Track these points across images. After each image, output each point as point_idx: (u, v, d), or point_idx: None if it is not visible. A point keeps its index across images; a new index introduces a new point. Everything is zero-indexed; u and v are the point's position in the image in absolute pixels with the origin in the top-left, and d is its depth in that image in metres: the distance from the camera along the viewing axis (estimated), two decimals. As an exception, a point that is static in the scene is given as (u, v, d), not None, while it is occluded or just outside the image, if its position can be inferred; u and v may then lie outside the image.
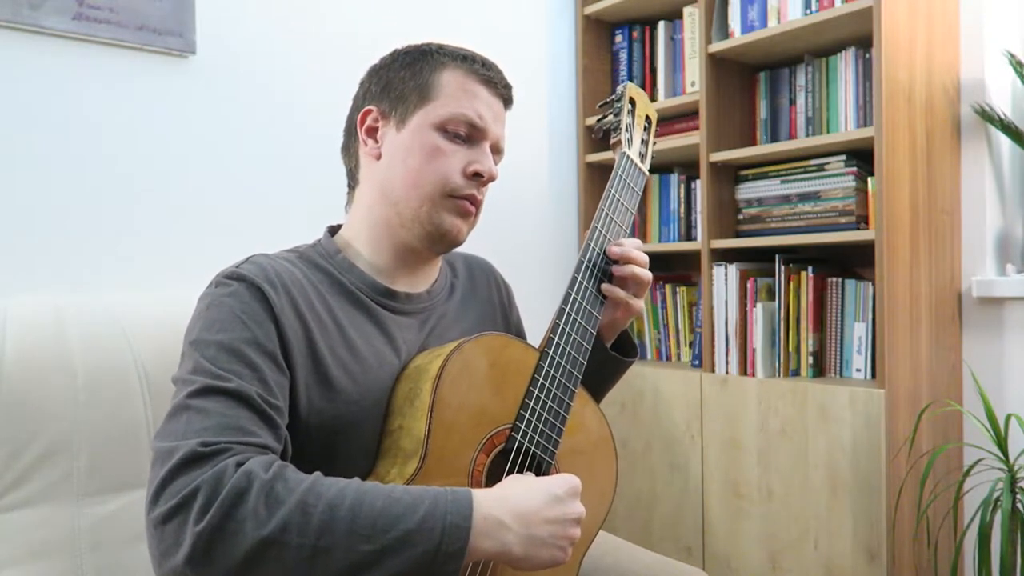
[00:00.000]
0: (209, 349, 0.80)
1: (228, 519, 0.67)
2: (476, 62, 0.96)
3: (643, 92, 1.14)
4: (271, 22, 1.65)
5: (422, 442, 0.82)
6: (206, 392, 0.76)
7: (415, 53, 0.98)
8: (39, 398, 1.03)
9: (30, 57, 1.35)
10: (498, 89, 0.98)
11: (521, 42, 2.14)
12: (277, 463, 0.72)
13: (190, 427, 0.73)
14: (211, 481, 0.68)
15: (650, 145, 1.13)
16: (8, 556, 0.99)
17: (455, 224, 0.95)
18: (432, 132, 0.93)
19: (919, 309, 1.70)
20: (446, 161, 0.93)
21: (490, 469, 0.88)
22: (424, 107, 0.94)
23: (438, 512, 0.71)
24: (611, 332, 1.07)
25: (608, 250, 1.00)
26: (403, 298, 0.97)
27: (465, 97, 0.94)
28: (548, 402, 0.92)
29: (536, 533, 0.76)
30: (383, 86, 0.97)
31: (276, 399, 0.80)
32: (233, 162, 1.60)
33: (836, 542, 1.66)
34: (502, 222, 2.08)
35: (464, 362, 0.87)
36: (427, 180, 0.93)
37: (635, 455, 2.05)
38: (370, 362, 0.90)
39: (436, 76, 0.95)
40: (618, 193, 1.03)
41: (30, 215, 1.36)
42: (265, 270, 0.86)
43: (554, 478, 0.81)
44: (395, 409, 0.89)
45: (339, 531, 0.68)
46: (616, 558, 1.16)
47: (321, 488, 0.70)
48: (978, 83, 1.81)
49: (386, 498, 0.71)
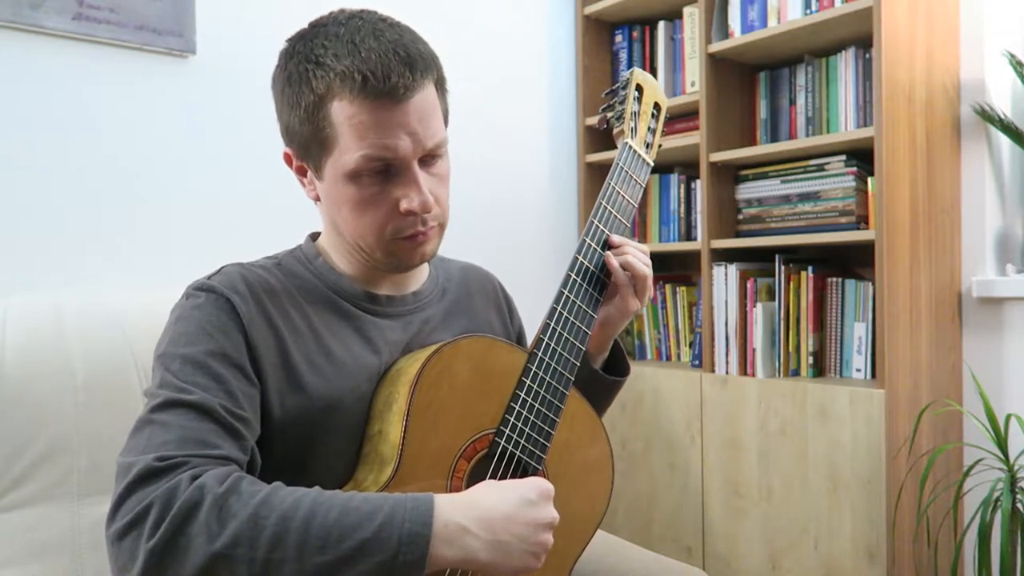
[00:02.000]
0: (174, 363, 0.79)
1: (180, 534, 0.66)
2: (367, 76, 0.80)
3: (651, 78, 1.09)
4: (271, 22, 1.65)
5: (398, 448, 0.80)
6: (168, 406, 0.75)
7: (296, 77, 0.84)
8: (39, 398, 1.03)
9: (30, 57, 1.35)
10: (404, 93, 0.81)
11: (521, 42, 2.14)
12: (233, 475, 0.71)
13: (151, 441, 0.73)
14: (164, 496, 0.68)
15: (658, 134, 1.08)
16: (8, 556, 0.99)
17: (414, 255, 0.89)
18: (348, 185, 0.84)
19: (919, 309, 1.70)
20: (374, 212, 0.85)
21: (472, 474, 0.85)
22: (329, 156, 0.85)
23: (396, 520, 0.68)
24: (602, 341, 1.03)
25: (608, 238, 0.96)
26: (384, 301, 0.94)
27: (368, 132, 0.81)
28: (536, 405, 0.88)
29: (503, 539, 0.73)
30: (284, 128, 0.89)
31: (243, 411, 0.78)
32: (233, 162, 1.60)
33: (836, 542, 1.65)
34: (502, 222, 2.08)
35: (444, 365, 0.84)
36: (365, 232, 0.87)
37: (635, 455, 2.05)
38: (347, 366, 0.87)
39: (326, 114, 0.82)
40: (618, 185, 0.98)
41: (30, 215, 1.35)
42: (235, 281, 0.85)
43: (525, 481, 0.78)
44: (375, 414, 0.87)
45: (291, 543, 0.67)
46: (616, 558, 1.16)
47: (275, 500, 0.69)
48: (978, 83, 1.81)
49: (342, 508, 0.69)
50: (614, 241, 0.97)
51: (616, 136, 1.04)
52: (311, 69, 0.83)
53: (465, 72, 1.99)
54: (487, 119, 2.05)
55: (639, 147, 1.03)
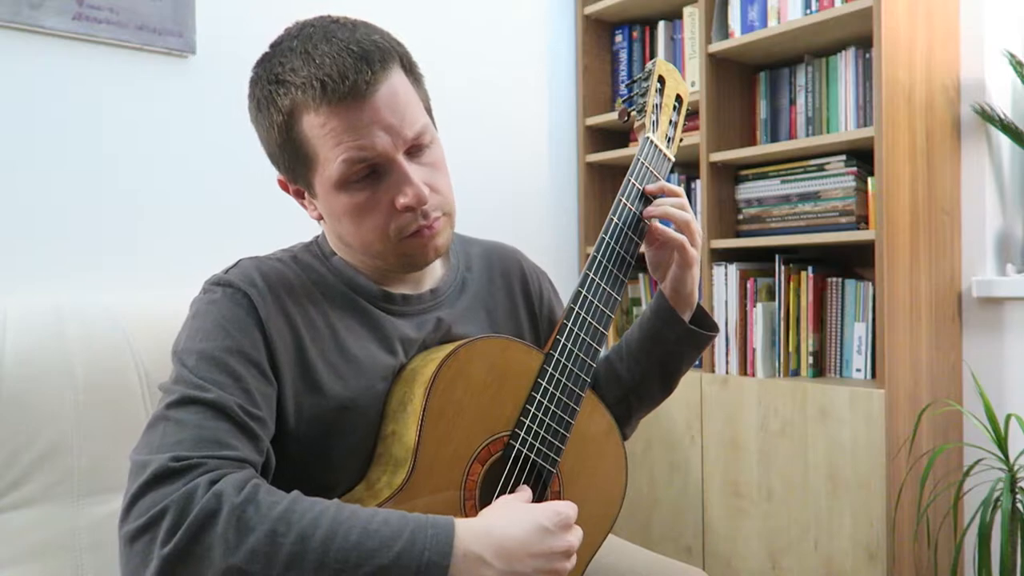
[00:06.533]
0: (191, 358, 0.78)
1: (196, 543, 0.65)
2: (325, 81, 0.78)
3: (674, 68, 1.05)
4: (271, 22, 1.64)
5: (412, 451, 0.80)
6: (184, 403, 0.74)
7: (263, 102, 0.84)
8: (39, 398, 1.03)
9: (30, 57, 1.35)
10: (367, 89, 0.79)
11: (521, 42, 2.14)
12: (251, 483, 0.70)
13: (165, 440, 0.72)
14: (180, 501, 0.67)
15: (679, 127, 1.04)
16: (8, 556, 0.99)
17: (425, 251, 0.87)
18: (339, 195, 0.83)
19: (919, 309, 1.70)
20: (373, 216, 0.84)
21: (486, 478, 0.84)
22: (314, 172, 0.84)
23: (416, 548, 0.68)
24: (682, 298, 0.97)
25: (645, 188, 0.94)
26: (400, 300, 0.92)
27: (342, 136, 0.79)
28: (552, 408, 0.87)
29: (519, 570, 0.72)
30: (269, 155, 0.89)
31: (259, 410, 0.77)
32: (233, 162, 1.59)
33: (836, 542, 1.66)
34: (502, 222, 2.08)
35: (460, 367, 0.83)
36: (371, 238, 0.85)
37: (635, 455, 2.05)
38: (363, 366, 0.86)
39: (299, 131, 0.82)
40: (638, 180, 0.95)
41: (30, 215, 1.35)
42: (252, 275, 0.84)
43: (543, 507, 0.77)
44: (389, 413, 0.86)
45: (308, 564, 0.66)
46: (616, 558, 1.16)
47: (294, 516, 0.68)
48: (978, 83, 1.81)
49: (362, 530, 0.68)
50: (651, 190, 0.94)
51: (637, 130, 1.00)
52: (273, 89, 0.82)
53: (465, 72, 1.99)
54: (487, 119, 2.05)
55: (660, 142, 0.99)
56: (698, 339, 1.00)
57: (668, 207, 0.93)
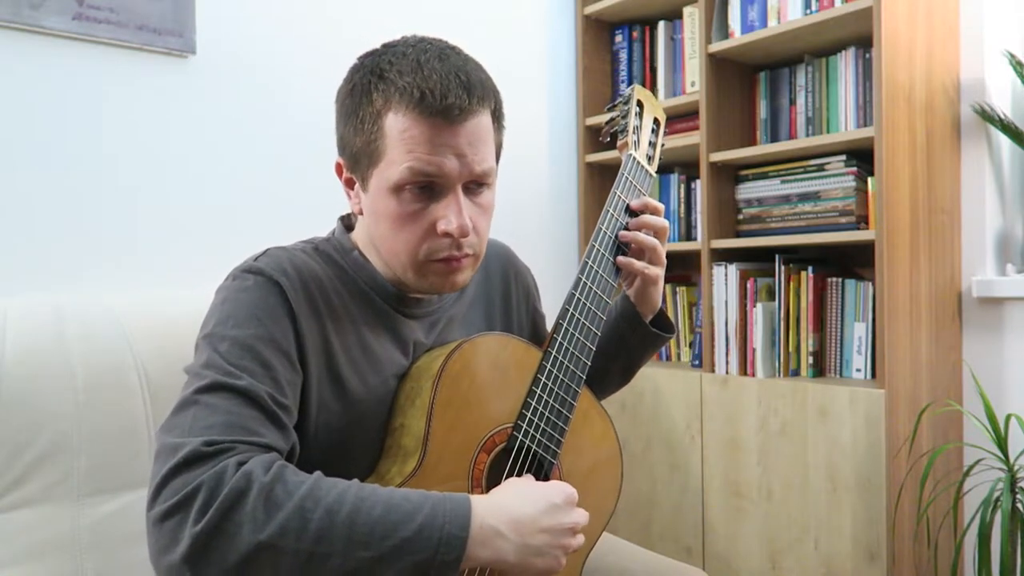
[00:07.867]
0: (222, 344, 0.79)
1: (226, 520, 0.67)
2: (424, 93, 0.82)
3: (651, 94, 1.15)
4: (271, 22, 1.65)
5: (422, 440, 0.83)
6: (215, 388, 0.76)
7: (359, 89, 0.86)
8: (39, 398, 1.03)
9: (30, 57, 1.35)
10: (458, 115, 0.83)
11: (521, 42, 2.14)
12: (277, 464, 0.72)
13: (196, 423, 0.73)
14: (211, 481, 0.68)
15: (658, 147, 1.14)
16: (8, 556, 0.99)
17: (445, 281, 0.89)
18: (390, 198, 0.85)
19: (919, 309, 1.70)
20: (412, 229, 0.85)
21: (491, 468, 0.88)
22: (376, 167, 0.85)
23: (436, 522, 0.71)
24: (645, 306, 1.08)
25: (630, 204, 1.03)
26: (413, 303, 0.95)
27: (416, 146, 0.82)
28: (551, 401, 0.92)
29: (531, 542, 0.76)
30: (339, 139, 0.91)
31: (286, 399, 0.79)
32: (233, 162, 1.60)
33: (836, 542, 1.66)
34: (502, 222, 2.07)
35: (464, 361, 0.87)
36: (400, 249, 0.87)
37: (635, 455, 2.05)
38: (381, 363, 0.90)
39: (380, 126, 0.84)
40: (623, 194, 1.04)
41: (30, 215, 1.36)
42: (284, 265, 0.86)
43: (551, 485, 0.82)
44: (398, 407, 0.90)
45: (337, 537, 0.68)
46: (616, 558, 1.16)
47: (320, 492, 0.70)
48: (978, 83, 1.81)
49: (384, 505, 0.71)
50: (635, 206, 1.03)
51: (620, 147, 1.09)
52: (374, 82, 0.85)
53: (465, 72, 1.99)
54: (487, 119, 2.05)
55: (642, 159, 1.08)
56: (657, 340, 1.11)
57: (639, 234, 1.02)
